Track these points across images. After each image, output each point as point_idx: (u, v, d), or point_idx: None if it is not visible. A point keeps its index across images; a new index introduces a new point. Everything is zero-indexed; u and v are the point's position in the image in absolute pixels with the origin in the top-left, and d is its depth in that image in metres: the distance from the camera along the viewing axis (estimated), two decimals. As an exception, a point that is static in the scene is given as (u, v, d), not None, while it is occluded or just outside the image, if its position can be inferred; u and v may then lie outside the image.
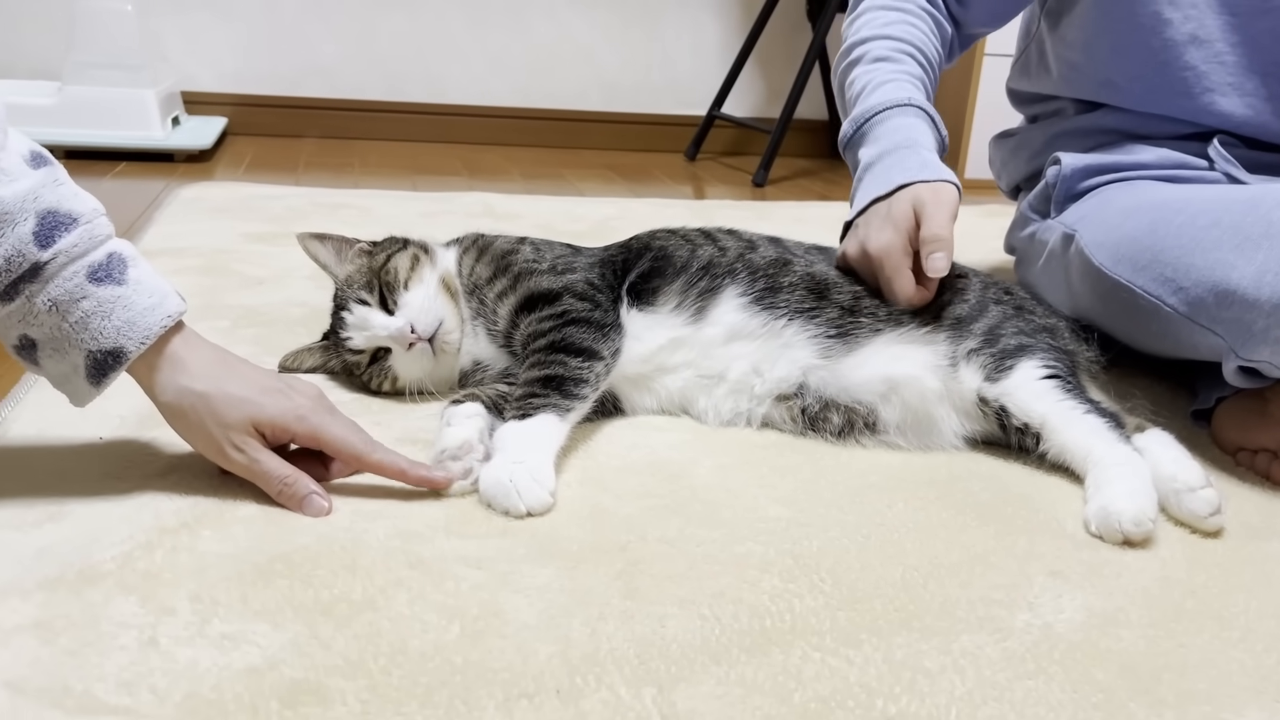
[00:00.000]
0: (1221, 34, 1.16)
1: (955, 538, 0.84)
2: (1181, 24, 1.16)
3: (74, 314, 0.77)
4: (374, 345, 1.02)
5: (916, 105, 1.17)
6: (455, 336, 1.02)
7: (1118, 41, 1.21)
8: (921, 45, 1.25)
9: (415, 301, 1.00)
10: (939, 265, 1.02)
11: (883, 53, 1.23)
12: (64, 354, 0.78)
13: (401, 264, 1.03)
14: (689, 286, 1.03)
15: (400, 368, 1.02)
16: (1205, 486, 0.88)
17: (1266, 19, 1.14)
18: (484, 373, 1.04)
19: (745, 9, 2.94)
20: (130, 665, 0.63)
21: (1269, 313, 0.90)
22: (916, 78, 1.22)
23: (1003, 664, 0.68)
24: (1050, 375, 0.97)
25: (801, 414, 1.02)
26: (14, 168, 0.75)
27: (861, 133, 1.19)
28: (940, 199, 1.06)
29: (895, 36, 1.25)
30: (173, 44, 2.64)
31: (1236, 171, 1.16)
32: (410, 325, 0.99)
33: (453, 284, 1.05)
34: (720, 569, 0.77)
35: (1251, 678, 0.69)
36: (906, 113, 1.16)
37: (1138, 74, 1.20)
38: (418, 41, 2.81)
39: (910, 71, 1.22)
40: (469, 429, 0.89)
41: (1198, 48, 1.16)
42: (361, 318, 1.01)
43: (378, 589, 0.72)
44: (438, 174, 2.42)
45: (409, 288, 1.01)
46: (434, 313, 1.00)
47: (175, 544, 0.76)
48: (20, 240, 0.74)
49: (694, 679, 0.65)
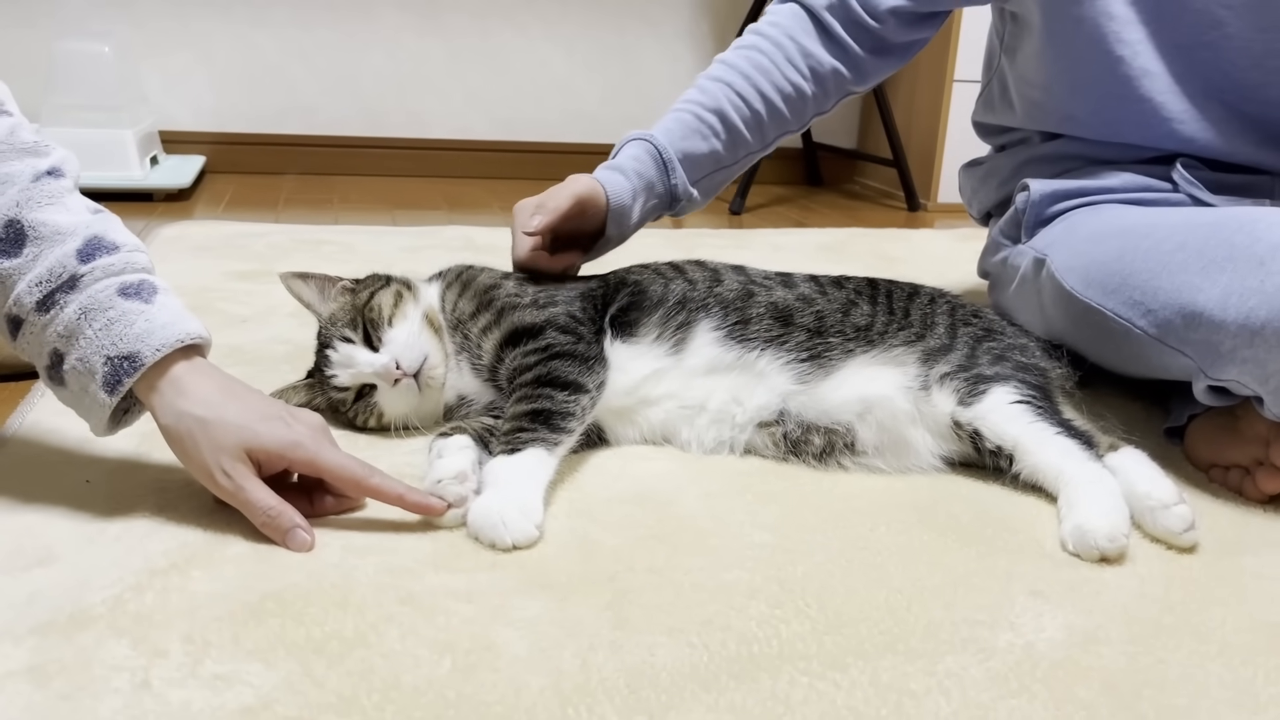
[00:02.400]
0: (1166, 67, 1.19)
1: (938, 560, 0.86)
2: (1132, 59, 1.19)
3: (98, 321, 0.82)
4: (359, 382, 1.03)
5: (645, 139, 1.24)
6: (440, 372, 1.03)
7: (1075, 79, 1.24)
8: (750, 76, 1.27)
9: (400, 338, 1.01)
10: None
11: (702, 80, 1.29)
12: (86, 364, 0.82)
13: (385, 301, 1.04)
14: (667, 319, 1.05)
15: (385, 404, 1.03)
16: (1179, 503, 0.89)
17: (1205, 51, 1.18)
18: (469, 407, 1.05)
19: (720, 40, 2.98)
20: (124, 708, 0.63)
21: (1235, 333, 0.92)
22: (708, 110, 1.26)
23: (987, 684, 0.69)
24: (1021, 399, 0.99)
25: (784, 439, 1.03)
26: (77, 207, 0.86)
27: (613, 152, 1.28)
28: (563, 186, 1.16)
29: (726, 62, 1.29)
30: (151, 84, 2.65)
31: (1200, 193, 1.19)
32: (395, 361, 1.00)
33: (436, 319, 1.06)
34: (708, 597, 0.78)
35: (1230, 691, 0.70)
36: (637, 145, 1.25)
37: (1097, 109, 1.24)
38: (397, 76, 2.84)
39: (701, 105, 1.26)
40: (462, 460, 0.90)
41: (1151, 80, 1.19)
42: (346, 355, 1.02)
43: (369, 625, 0.73)
44: (418, 208, 2.43)
45: (393, 324, 1.02)
46: (418, 349, 1.01)
47: (165, 585, 0.76)
48: (65, 254, 0.83)
49: (684, 707, 0.66)
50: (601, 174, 1.21)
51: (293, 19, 2.73)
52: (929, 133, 2.78)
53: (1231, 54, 1.18)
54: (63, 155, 0.88)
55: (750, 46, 1.30)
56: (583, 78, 2.96)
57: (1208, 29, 1.17)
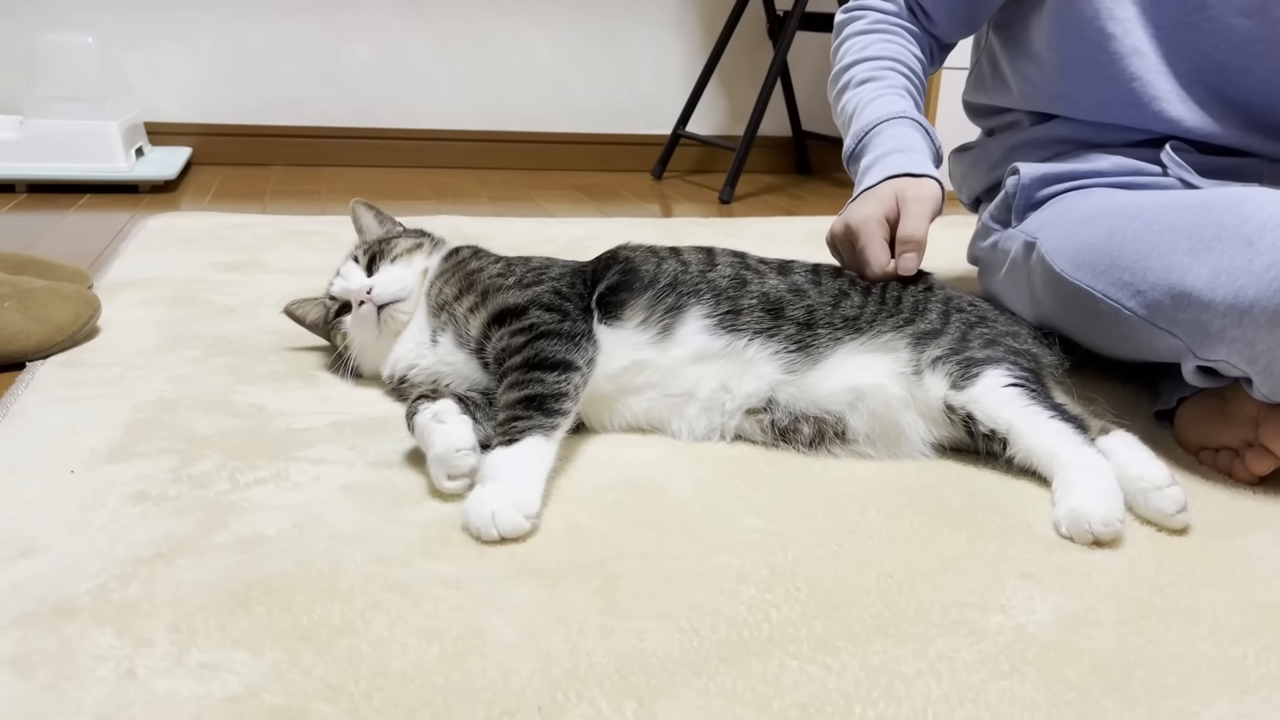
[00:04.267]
0: (1154, 47, 1.20)
1: (928, 544, 0.86)
2: (1123, 37, 1.19)
3: None
4: (343, 296, 1.13)
5: (909, 117, 1.28)
6: (404, 318, 1.10)
7: (1067, 57, 1.24)
8: (902, 58, 1.35)
9: (389, 274, 1.11)
10: (909, 265, 1.12)
11: (867, 74, 1.34)
12: None
13: (402, 245, 1.15)
14: (655, 303, 1.04)
15: (350, 327, 1.12)
16: (1171, 485, 0.89)
17: (1188, 32, 1.18)
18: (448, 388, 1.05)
19: (707, 29, 2.98)
20: (108, 698, 0.62)
21: (1223, 313, 0.92)
22: (904, 90, 1.32)
23: (977, 666, 0.69)
24: (1014, 383, 0.99)
25: (772, 426, 1.03)
26: None
27: (861, 145, 1.29)
28: (921, 194, 1.16)
29: (877, 56, 1.34)
30: (136, 75, 2.63)
31: (1189, 176, 1.19)
32: (369, 287, 1.09)
33: (423, 283, 1.13)
34: (698, 582, 0.78)
35: (1220, 671, 0.70)
36: (899, 124, 1.27)
37: (1089, 87, 1.24)
38: (384, 67, 2.82)
39: (896, 85, 1.32)
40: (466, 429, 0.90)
41: (1140, 59, 1.20)
42: (346, 270, 1.14)
43: (357, 613, 0.72)
44: (406, 199, 2.42)
45: (394, 263, 1.12)
46: (396, 287, 1.09)
47: (151, 575, 0.76)
48: None
49: (674, 691, 0.65)
50: (916, 163, 1.21)
51: (278, 9, 2.71)
52: (918, 120, 2.78)
53: (1214, 37, 1.18)
54: None
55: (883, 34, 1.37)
56: (570, 68, 2.94)
57: (1192, 10, 1.17)
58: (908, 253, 1.12)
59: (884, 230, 1.15)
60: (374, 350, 1.12)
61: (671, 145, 2.88)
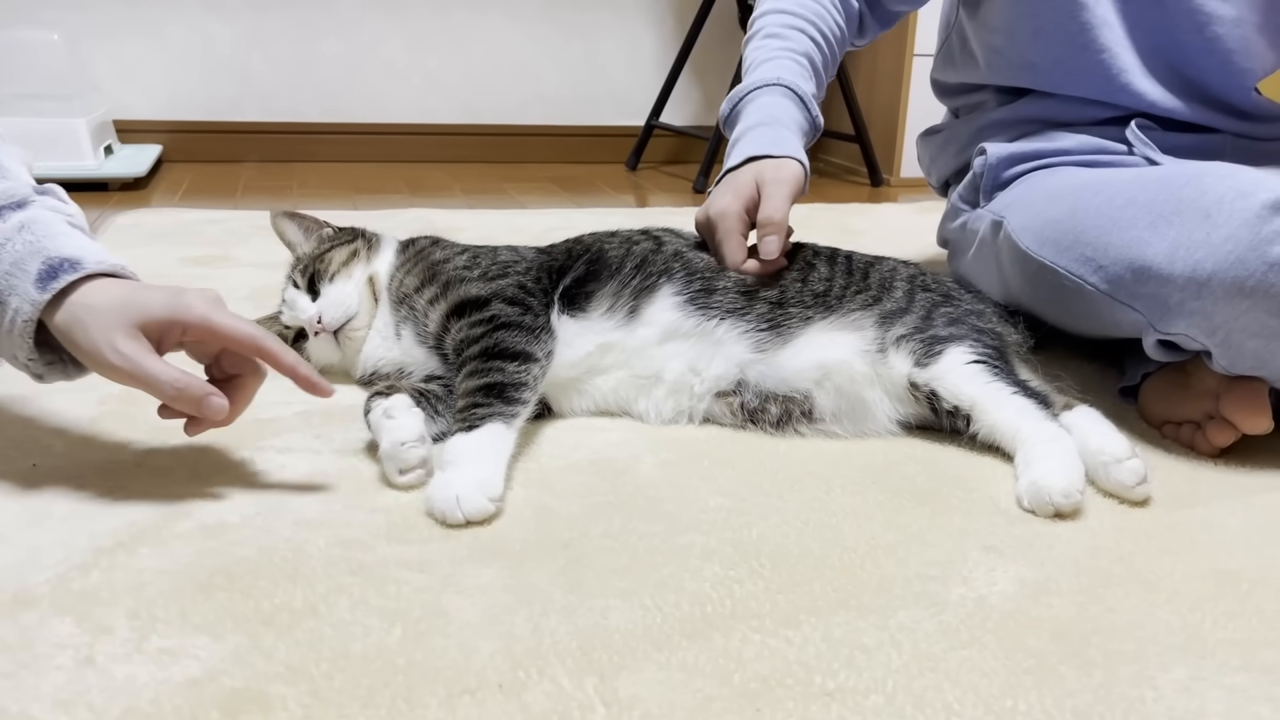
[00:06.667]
0: (1121, 21, 1.20)
1: (892, 519, 0.86)
2: (1094, 7, 1.20)
3: (41, 232, 0.81)
4: (294, 325, 1.10)
5: (785, 85, 1.22)
6: (361, 333, 1.08)
7: (1038, 24, 1.25)
8: (815, 19, 1.30)
9: (332, 294, 1.07)
10: (770, 249, 1.08)
11: (774, 29, 1.29)
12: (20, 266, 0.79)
13: (336, 257, 1.10)
14: (622, 287, 1.04)
15: (311, 351, 1.09)
16: (1131, 457, 0.90)
17: (1154, 10, 1.19)
18: (407, 379, 1.04)
19: (679, 19, 2.98)
20: (67, 685, 0.62)
21: (1182, 286, 0.93)
22: (801, 54, 1.26)
23: (938, 636, 0.70)
24: (977, 360, 0.99)
25: (741, 408, 1.03)
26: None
27: (735, 111, 1.25)
28: (781, 176, 1.11)
29: (789, 10, 1.30)
30: (104, 72, 2.61)
31: (1153, 154, 1.20)
32: (319, 315, 1.06)
33: (378, 283, 1.09)
34: (663, 560, 0.78)
35: (1178, 637, 0.71)
36: (773, 92, 1.22)
37: (1058, 57, 1.24)
38: (356, 62, 2.81)
39: (794, 48, 1.27)
40: (415, 421, 0.90)
41: (1109, 31, 1.20)
42: (291, 298, 1.09)
43: (319, 596, 0.72)
44: (379, 193, 2.41)
45: (333, 281, 1.08)
46: (345, 308, 1.06)
47: (112, 563, 0.75)
48: (20, 184, 0.84)
49: (636, 666, 0.65)
50: (779, 142, 1.16)
51: (247, 4, 2.70)
52: (890, 108, 2.79)
53: (1178, 17, 1.19)
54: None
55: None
56: (542, 60, 2.94)
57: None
58: (768, 235, 1.07)
59: (742, 224, 1.09)
60: (344, 361, 1.10)
61: (645, 136, 2.88)
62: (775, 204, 1.10)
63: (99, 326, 0.78)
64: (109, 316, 0.78)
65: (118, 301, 0.79)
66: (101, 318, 0.78)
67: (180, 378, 0.80)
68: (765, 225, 1.09)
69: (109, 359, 0.78)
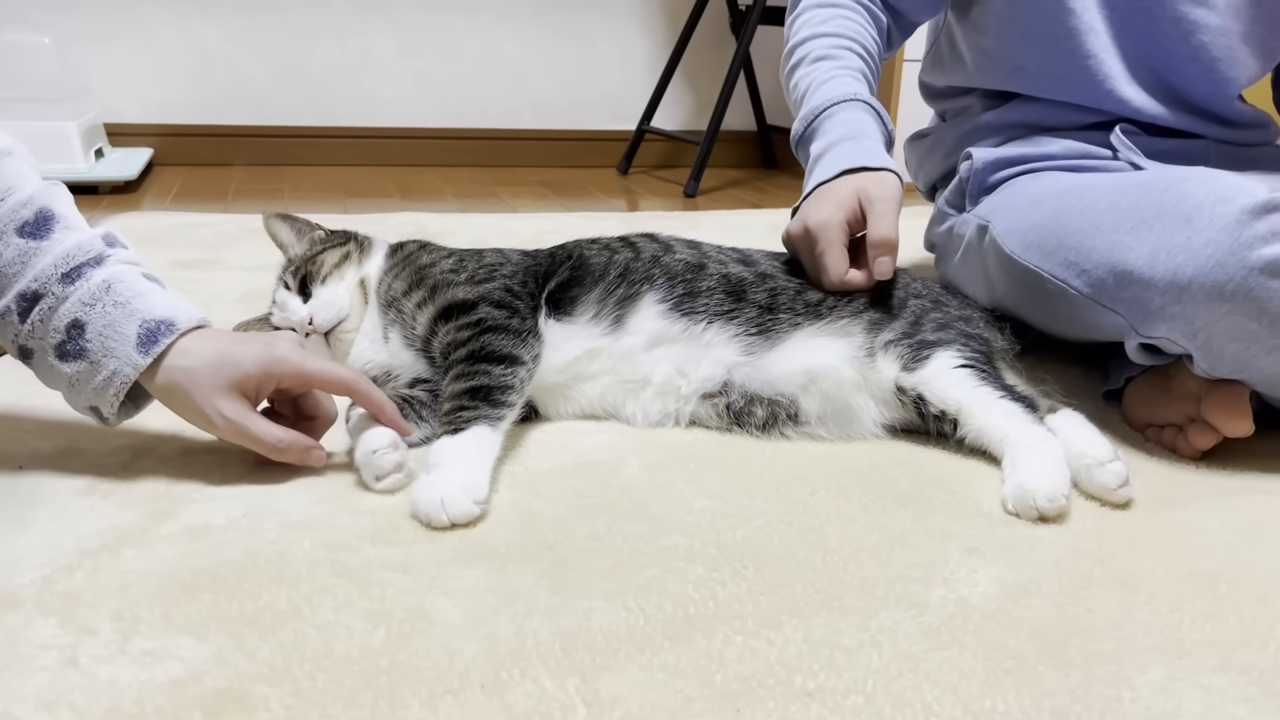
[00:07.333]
0: (1107, 27, 1.21)
1: (875, 521, 0.87)
2: (1081, 12, 1.21)
3: (127, 291, 0.85)
4: (285, 327, 1.08)
5: (861, 100, 1.22)
6: (351, 335, 1.08)
7: (1027, 27, 1.25)
8: (858, 38, 1.30)
9: (324, 296, 1.07)
10: (884, 270, 1.07)
11: (823, 51, 1.29)
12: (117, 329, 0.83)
13: (328, 259, 1.09)
14: (606, 295, 1.05)
15: None
16: (1113, 460, 0.91)
17: (1141, 17, 1.20)
18: (394, 381, 1.05)
19: (670, 24, 2.98)
20: (50, 685, 0.62)
21: (1163, 290, 0.93)
22: (858, 71, 1.27)
23: (919, 637, 0.70)
24: (965, 364, 1.00)
25: (726, 410, 1.04)
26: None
27: (811, 129, 1.24)
28: (885, 192, 1.10)
29: (833, 33, 1.30)
30: (95, 75, 2.61)
31: (1138, 159, 1.21)
32: (310, 317, 1.05)
33: (369, 285, 1.10)
34: (647, 562, 0.79)
35: (1156, 638, 0.72)
36: (852, 107, 1.22)
37: (1046, 61, 1.25)
38: (347, 65, 2.81)
39: (851, 66, 1.27)
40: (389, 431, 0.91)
41: (1095, 37, 1.21)
42: (282, 300, 1.09)
43: (304, 598, 0.72)
44: (370, 196, 2.41)
45: (325, 283, 1.08)
46: (336, 309, 1.06)
47: (96, 565, 0.75)
48: (90, 237, 0.87)
49: (618, 667, 0.66)
50: (872, 154, 1.16)
51: (239, 7, 2.70)
52: (881, 113, 2.79)
53: (1164, 24, 1.20)
54: None
55: (840, 9, 1.32)
56: (534, 63, 2.94)
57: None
58: (882, 257, 1.06)
59: (845, 236, 1.08)
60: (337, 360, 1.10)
61: (637, 140, 2.89)
62: (888, 223, 1.07)
63: (199, 389, 0.84)
64: (207, 377, 0.84)
65: (214, 360, 0.85)
66: (201, 378, 0.84)
67: (284, 436, 0.87)
68: (879, 245, 1.06)
69: (215, 423, 0.85)
